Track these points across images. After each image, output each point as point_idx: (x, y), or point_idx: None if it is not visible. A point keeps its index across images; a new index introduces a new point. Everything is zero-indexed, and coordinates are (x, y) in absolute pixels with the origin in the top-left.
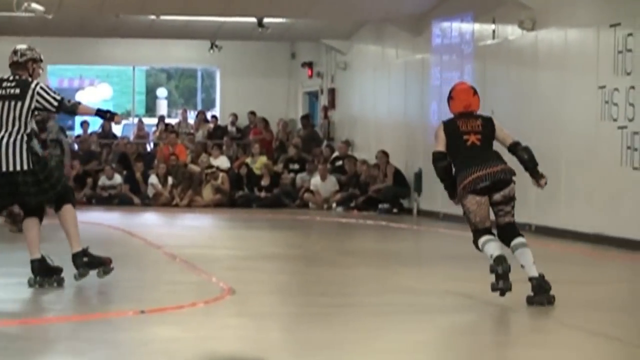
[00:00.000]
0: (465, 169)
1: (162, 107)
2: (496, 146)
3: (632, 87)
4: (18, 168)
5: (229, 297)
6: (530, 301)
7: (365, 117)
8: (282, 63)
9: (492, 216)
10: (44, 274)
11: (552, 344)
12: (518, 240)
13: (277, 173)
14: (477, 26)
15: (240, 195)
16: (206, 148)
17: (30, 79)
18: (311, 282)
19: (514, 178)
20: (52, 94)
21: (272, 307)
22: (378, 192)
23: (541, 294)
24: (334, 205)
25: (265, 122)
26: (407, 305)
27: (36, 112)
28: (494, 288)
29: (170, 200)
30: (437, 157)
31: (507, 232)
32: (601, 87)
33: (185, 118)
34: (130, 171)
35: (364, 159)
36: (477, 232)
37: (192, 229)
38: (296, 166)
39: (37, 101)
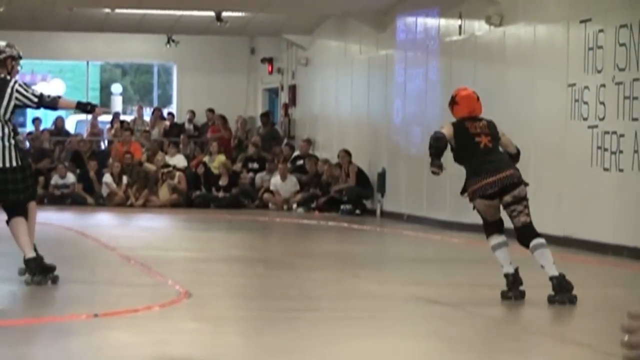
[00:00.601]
0: (478, 174)
1: (117, 104)
2: None
3: (603, 85)
4: (7, 165)
5: (185, 301)
6: (551, 300)
7: (327, 115)
8: (241, 59)
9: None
10: (41, 272)
11: (521, 351)
12: (537, 241)
13: (235, 172)
14: (443, 21)
15: (197, 195)
16: (162, 146)
17: (8, 77)
18: (270, 286)
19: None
20: (30, 90)
21: (230, 311)
22: (340, 193)
23: (562, 292)
24: (294, 206)
25: (223, 119)
26: (370, 310)
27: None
28: (505, 296)
29: (125, 200)
30: (439, 137)
31: (526, 234)
32: (571, 85)
33: (140, 115)
34: (83, 170)
35: (326, 158)
36: (488, 226)
37: (148, 230)
38: (255, 165)
39: (17, 99)
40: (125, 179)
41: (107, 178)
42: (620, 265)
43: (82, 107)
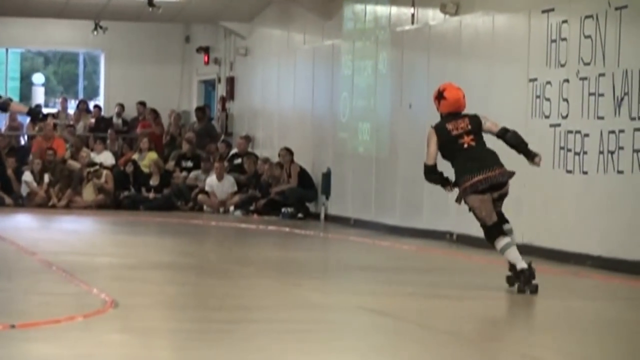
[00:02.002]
0: (467, 172)
1: (39, 95)
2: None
3: (567, 81)
4: None
5: (111, 311)
6: (509, 280)
7: (268, 110)
8: (175, 48)
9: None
10: None
11: None
12: (507, 226)
13: (167, 171)
14: (394, 10)
15: (125, 195)
16: (88, 142)
17: None
18: (204, 295)
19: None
20: None
21: (160, 322)
22: (281, 195)
23: (521, 279)
24: (231, 208)
25: (155, 113)
26: (313, 322)
27: None
28: (520, 289)
29: (46, 201)
30: (428, 171)
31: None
32: (532, 80)
33: (64, 108)
34: (1, 167)
35: (266, 157)
36: (490, 230)
37: (71, 234)
38: (189, 164)
39: None
40: (46, 177)
41: (27, 176)
42: (583, 275)
43: (34, 116)
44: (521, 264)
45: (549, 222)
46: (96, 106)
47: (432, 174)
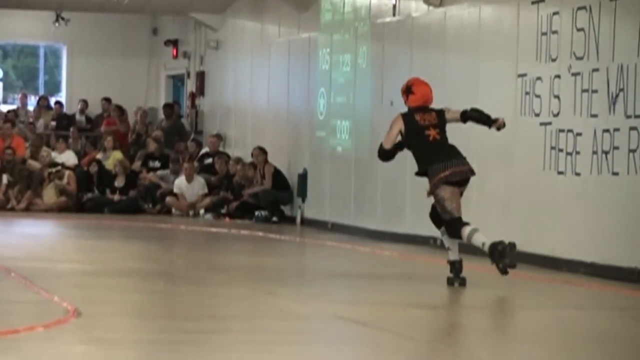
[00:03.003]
0: (437, 163)
1: None
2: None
3: (558, 76)
4: None
5: (73, 320)
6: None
7: (241, 107)
8: (142, 40)
9: None
10: None
11: None
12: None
13: (134, 172)
14: (374, 0)
15: (89, 197)
16: (49, 141)
17: None
18: (172, 304)
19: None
20: None
21: (125, 333)
22: (254, 197)
23: (455, 274)
24: (201, 211)
25: (120, 110)
26: (287, 332)
27: None
28: (501, 269)
29: (4, 203)
30: (384, 154)
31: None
32: (521, 76)
33: (24, 104)
34: None
35: (238, 157)
36: (456, 222)
37: (31, 238)
38: (157, 164)
39: None
40: (5, 178)
41: None
42: (576, 283)
43: None
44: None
45: (539, 226)
46: (57, 102)
47: (386, 156)
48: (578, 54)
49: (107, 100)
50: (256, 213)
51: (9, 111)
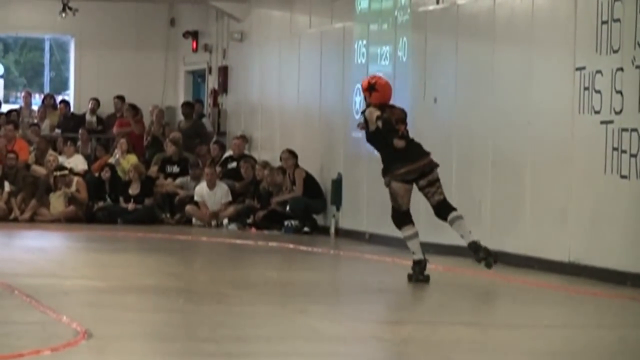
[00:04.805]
0: (398, 160)
1: None
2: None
3: (620, 69)
4: None
5: (84, 343)
6: (477, 259)
7: (268, 105)
8: (158, 32)
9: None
10: None
11: None
12: (454, 214)
13: (150, 178)
14: None
15: (101, 206)
16: (55, 144)
17: None
18: (194, 324)
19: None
20: None
21: (141, 356)
22: (283, 205)
23: (479, 251)
24: (225, 221)
25: (134, 110)
26: (320, 355)
27: None
28: (413, 279)
29: (7, 213)
30: (381, 115)
31: (442, 209)
32: (579, 69)
33: (28, 103)
34: None
35: (266, 161)
36: (402, 215)
37: (36, 252)
38: (175, 169)
39: None
40: (7, 185)
41: None
42: None
43: None
44: (419, 256)
45: (600, 236)
46: (62, 101)
47: (389, 122)
48: None
49: (120, 98)
50: (285, 223)
51: (10, 111)
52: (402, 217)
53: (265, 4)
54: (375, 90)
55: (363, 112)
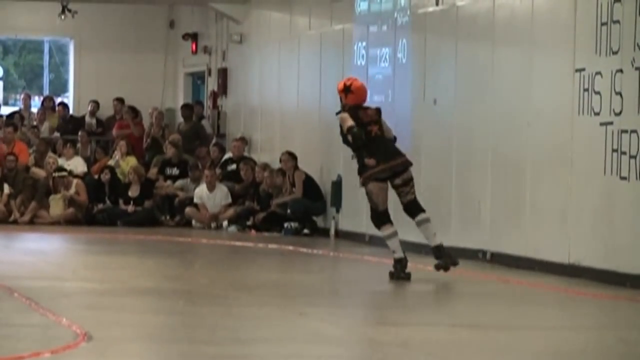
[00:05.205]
0: (372, 159)
1: None
2: None
3: (620, 71)
4: None
5: (83, 345)
6: (437, 266)
7: (267, 107)
8: (157, 34)
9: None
10: None
11: None
12: (422, 216)
13: (149, 180)
14: None
15: (100, 209)
16: (55, 146)
17: None
18: (194, 326)
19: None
20: None
21: (141, 358)
22: (283, 207)
23: (444, 257)
24: (225, 223)
25: (134, 112)
26: (320, 357)
27: None
28: (395, 277)
29: (6, 216)
30: (352, 127)
31: (412, 208)
32: (579, 71)
33: (27, 105)
34: None
35: (265, 163)
36: (380, 216)
37: (36, 254)
38: (175, 171)
39: None
40: (6, 188)
41: None
42: None
43: None
44: (399, 254)
45: (600, 238)
46: (60, 104)
47: (357, 133)
48: None
49: (120, 100)
50: (285, 225)
51: (12, 113)
52: (380, 217)
53: (265, 6)
54: (351, 92)
55: (337, 114)
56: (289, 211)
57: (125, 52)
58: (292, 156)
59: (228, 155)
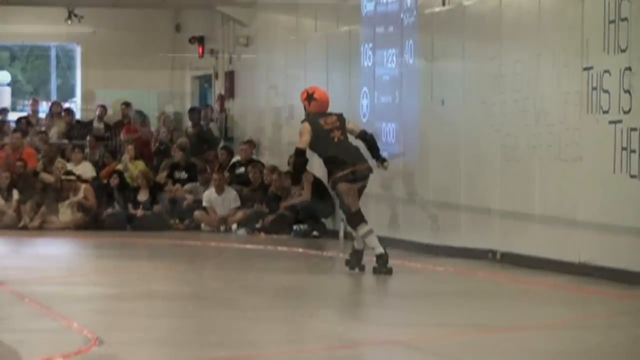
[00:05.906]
0: (340, 163)
1: (5, 97)
2: None
3: (628, 69)
4: None
5: (95, 349)
6: (351, 265)
7: (275, 110)
8: (164, 38)
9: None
10: None
11: None
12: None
13: (158, 184)
14: None
15: (109, 213)
16: (63, 151)
17: None
18: (204, 329)
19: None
20: None
21: None
22: (292, 209)
23: (355, 266)
24: (234, 226)
25: (141, 116)
26: (331, 359)
27: None
28: (377, 272)
29: (16, 221)
30: (300, 153)
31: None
32: (587, 69)
33: (35, 111)
34: None
35: (274, 166)
36: (354, 216)
37: (46, 259)
38: (183, 175)
39: None
40: (16, 193)
41: None
42: None
43: None
44: (379, 250)
45: (611, 237)
46: (66, 110)
47: (302, 156)
48: None
49: (127, 104)
50: (294, 227)
51: (20, 118)
52: (354, 217)
53: (271, 8)
54: (314, 100)
55: (302, 122)
56: (297, 213)
57: (132, 56)
58: None
59: (236, 158)
